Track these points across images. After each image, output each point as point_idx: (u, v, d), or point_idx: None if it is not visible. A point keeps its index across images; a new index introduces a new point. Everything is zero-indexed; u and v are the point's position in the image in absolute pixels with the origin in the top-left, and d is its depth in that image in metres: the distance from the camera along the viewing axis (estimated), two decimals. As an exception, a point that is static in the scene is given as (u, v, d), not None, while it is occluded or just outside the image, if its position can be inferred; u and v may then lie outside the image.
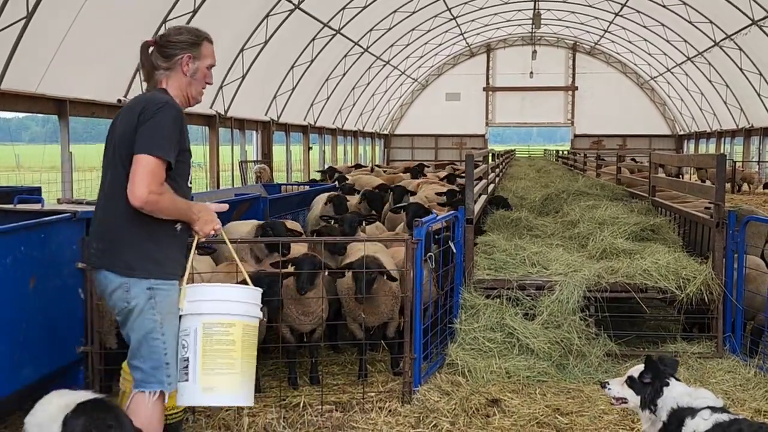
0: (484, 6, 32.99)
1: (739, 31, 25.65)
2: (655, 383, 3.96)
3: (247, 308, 3.84)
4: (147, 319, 3.72)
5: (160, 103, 3.73)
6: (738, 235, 6.63)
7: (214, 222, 3.89)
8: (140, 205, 3.59)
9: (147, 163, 3.59)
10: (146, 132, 3.64)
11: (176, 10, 17.03)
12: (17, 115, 59.96)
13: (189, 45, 3.90)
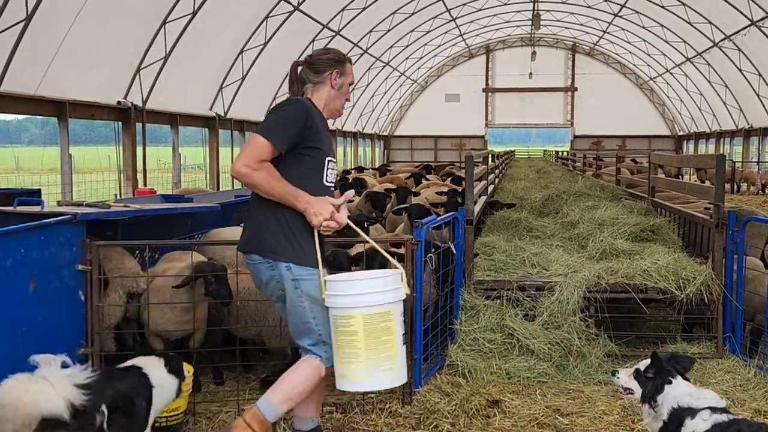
0: (484, 7, 33.03)
1: (739, 31, 25.68)
2: (656, 379, 3.97)
3: (367, 299, 3.94)
4: (300, 307, 4.10)
5: (294, 100, 4.21)
6: (738, 236, 6.63)
7: (325, 213, 4.00)
8: (234, 174, 3.99)
9: (254, 140, 3.98)
10: (268, 119, 4.11)
11: (176, 12, 17.05)
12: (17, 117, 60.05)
13: (336, 62, 4.40)
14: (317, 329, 4.11)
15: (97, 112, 16.56)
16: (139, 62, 17.09)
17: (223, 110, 22.28)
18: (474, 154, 8.12)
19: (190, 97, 20.53)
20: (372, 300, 3.93)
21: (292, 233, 4.07)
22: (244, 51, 21.53)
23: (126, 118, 17.37)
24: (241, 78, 22.12)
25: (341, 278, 4.19)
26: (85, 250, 5.14)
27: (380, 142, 44.03)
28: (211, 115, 21.84)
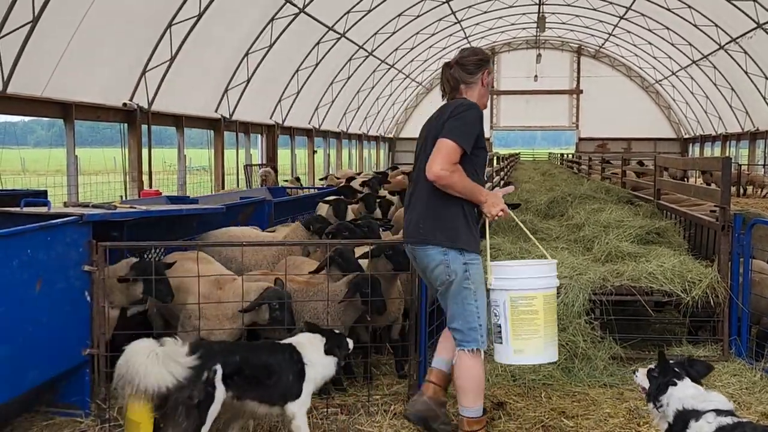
0: (489, 10, 33.03)
1: (745, 34, 25.62)
2: (660, 379, 3.97)
3: (546, 282, 4.52)
4: (465, 290, 4.49)
5: (469, 104, 4.61)
6: (744, 239, 6.61)
7: (500, 204, 4.52)
8: (433, 178, 4.39)
9: (446, 145, 4.38)
10: (452, 123, 4.46)
11: (181, 14, 17.09)
12: (23, 119, 60.21)
13: (485, 62, 4.79)
14: (477, 311, 4.54)
15: (103, 113, 16.61)
16: (145, 64, 17.14)
17: (229, 112, 22.31)
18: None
19: (196, 99, 20.57)
20: (548, 283, 4.52)
21: (468, 223, 4.53)
22: (249, 53, 21.56)
23: (132, 120, 17.41)
24: (246, 80, 22.15)
25: (516, 264, 4.98)
26: (91, 251, 5.16)
27: (385, 145, 44.03)
28: (216, 117, 21.87)
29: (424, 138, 4.70)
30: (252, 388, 4.42)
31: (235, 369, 4.34)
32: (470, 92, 4.75)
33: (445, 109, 4.62)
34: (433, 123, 4.63)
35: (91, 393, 5.23)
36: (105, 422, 5.05)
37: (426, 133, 4.68)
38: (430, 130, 4.62)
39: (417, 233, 4.59)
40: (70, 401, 5.22)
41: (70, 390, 5.23)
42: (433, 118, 4.70)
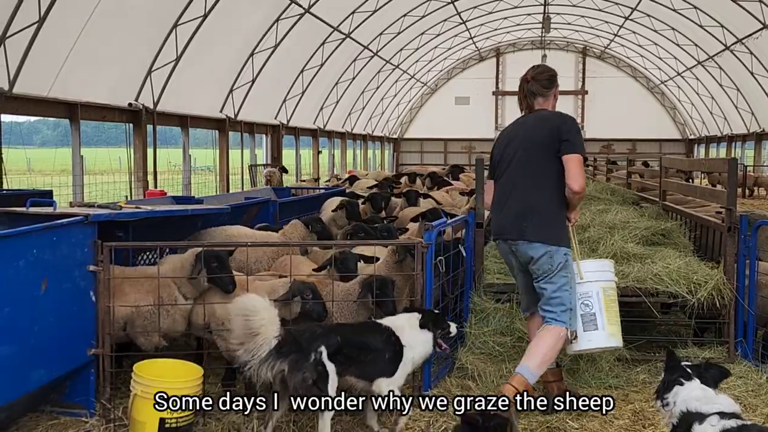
0: (494, 10, 32.97)
1: (751, 35, 25.53)
2: (665, 376, 3.96)
3: (613, 275, 5.58)
4: (562, 278, 5.15)
5: (570, 117, 5.37)
6: (750, 240, 6.59)
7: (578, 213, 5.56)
8: (578, 190, 5.10)
9: (579, 160, 5.09)
10: (573, 139, 5.12)
11: (187, 15, 17.10)
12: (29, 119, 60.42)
13: (556, 77, 5.49)
14: (569, 297, 5.19)
15: (108, 113, 16.63)
16: (150, 64, 17.16)
17: (234, 112, 22.32)
18: (484, 157, 8.10)
19: (201, 99, 20.59)
20: (614, 276, 5.60)
21: (565, 223, 5.31)
22: (254, 53, 21.57)
23: (137, 120, 17.44)
24: (251, 80, 22.17)
25: (598, 261, 5.91)
26: (97, 251, 5.17)
27: (390, 145, 44.02)
28: (221, 117, 21.89)
29: (519, 141, 5.31)
30: (351, 365, 4.79)
31: (336, 348, 4.69)
32: (547, 103, 5.45)
33: (544, 121, 5.28)
34: (531, 132, 5.30)
35: (96, 393, 5.23)
36: (110, 422, 5.06)
37: (522, 137, 5.33)
38: (530, 138, 5.27)
39: (523, 232, 5.18)
40: (75, 401, 5.23)
41: (76, 390, 5.24)
42: (528, 126, 5.36)
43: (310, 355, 4.59)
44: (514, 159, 5.31)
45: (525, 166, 5.27)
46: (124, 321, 5.51)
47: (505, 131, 5.65)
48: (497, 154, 5.54)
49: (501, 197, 5.40)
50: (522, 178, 5.27)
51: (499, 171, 5.49)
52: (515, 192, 5.28)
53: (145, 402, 4.71)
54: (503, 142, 5.49)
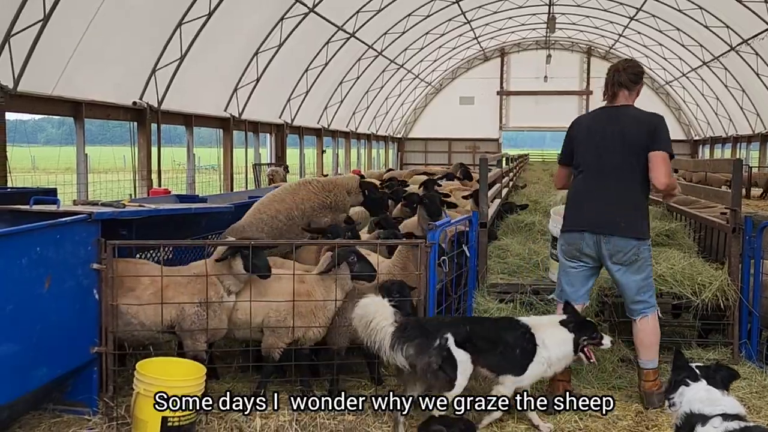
0: (499, 10, 32.95)
1: (756, 35, 25.47)
2: (672, 378, 3.94)
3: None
4: (648, 267, 5.56)
5: (660, 116, 5.48)
6: (755, 241, 6.56)
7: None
8: (664, 188, 5.34)
9: (666, 157, 5.29)
10: (663, 136, 5.32)
11: (191, 13, 17.12)
12: (33, 117, 60.56)
13: (642, 75, 5.61)
14: (653, 284, 5.69)
15: (112, 112, 16.66)
16: (155, 63, 17.18)
17: (238, 111, 22.34)
18: (489, 157, 8.09)
19: (205, 98, 20.61)
20: None
21: (649, 217, 5.66)
22: (258, 52, 21.59)
23: (141, 119, 17.46)
24: (255, 79, 22.18)
25: None
26: (100, 249, 5.16)
27: (394, 145, 44.01)
28: (225, 116, 21.91)
29: (612, 136, 5.40)
30: (481, 355, 4.90)
31: (465, 337, 4.84)
32: (631, 98, 5.54)
33: (640, 122, 5.38)
34: (626, 129, 5.37)
35: (98, 391, 5.23)
36: (113, 420, 5.06)
37: (615, 133, 5.40)
38: (625, 136, 5.36)
39: (618, 227, 5.39)
40: (77, 399, 5.22)
41: (78, 388, 5.23)
42: (621, 121, 5.41)
43: (435, 341, 4.76)
44: (606, 154, 5.43)
45: (621, 163, 5.40)
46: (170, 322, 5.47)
47: (585, 120, 5.75)
48: (580, 141, 5.60)
49: (589, 190, 5.53)
50: (617, 174, 5.41)
51: (583, 161, 5.57)
52: (609, 187, 5.44)
53: (148, 400, 4.70)
54: (585, 132, 5.58)
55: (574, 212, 5.63)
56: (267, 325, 5.61)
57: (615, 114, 5.48)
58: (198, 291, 5.43)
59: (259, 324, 5.64)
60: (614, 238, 5.41)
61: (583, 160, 5.58)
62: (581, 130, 5.64)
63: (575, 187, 5.68)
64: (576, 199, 5.64)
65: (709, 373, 3.90)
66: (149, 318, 5.35)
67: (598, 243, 5.49)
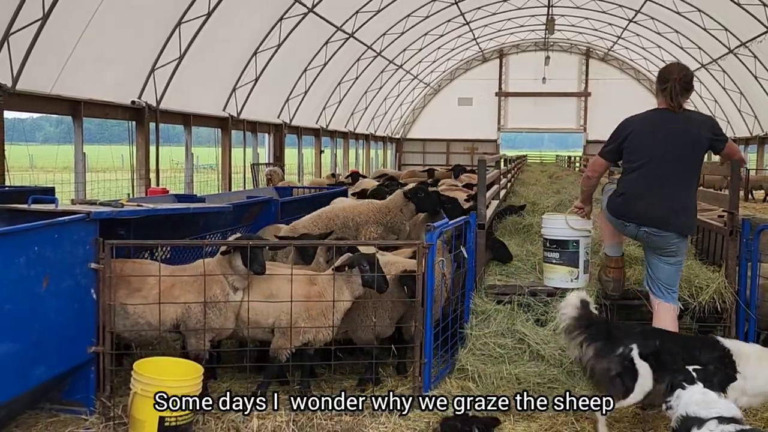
0: (498, 11, 32.97)
1: (754, 38, 25.51)
2: (668, 381, 3.95)
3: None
4: (683, 259, 6.03)
5: (712, 117, 6.25)
6: (752, 244, 6.57)
7: None
8: (741, 158, 6.49)
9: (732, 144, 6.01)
10: (722, 132, 6.00)
11: (191, 13, 17.12)
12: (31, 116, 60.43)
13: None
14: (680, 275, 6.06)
15: (111, 111, 16.65)
16: (154, 62, 17.17)
17: (236, 111, 22.34)
18: (487, 158, 8.10)
19: (204, 97, 20.60)
20: None
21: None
22: (257, 52, 21.58)
23: (140, 118, 17.45)
24: (254, 79, 22.18)
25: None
26: (98, 249, 5.16)
27: (392, 145, 44.02)
28: (224, 116, 21.90)
29: (672, 137, 5.71)
30: (667, 373, 4.56)
31: (653, 351, 4.72)
32: (686, 104, 5.94)
33: (698, 124, 5.84)
34: (686, 130, 5.74)
35: (96, 391, 5.23)
36: (110, 420, 5.06)
37: (675, 133, 5.73)
38: (685, 137, 5.72)
39: (673, 224, 5.68)
40: (74, 399, 5.22)
41: (75, 387, 5.23)
42: (680, 123, 5.77)
43: (618, 348, 4.71)
44: (667, 153, 5.68)
45: (680, 163, 5.70)
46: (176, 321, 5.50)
47: (641, 119, 5.98)
48: (637, 139, 5.83)
49: (647, 186, 5.73)
50: (676, 174, 5.71)
51: (638, 158, 5.79)
52: (668, 186, 5.70)
53: (145, 400, 4.71)
54: (644, 131, 5.84)
55: (631, 205, 5.82)
56: (279, 326, 5.62)
57: (676, 117, 5.82)
58: (203, 289, 5.46)
59: (270, 325, 5.66)
60: (667, 234, 5.72)
61: (637, 157, 5.81)
62: (639, 132, 5.87)
63: (629, 181, 5.86)
64: (633, 193, 5.82)
65: (706, 376, 3.91)
66: (156, 317, 5.35)
67: (648, 233, 5.77)
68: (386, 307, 5.99)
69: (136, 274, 5.43)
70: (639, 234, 5.84)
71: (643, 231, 5.77)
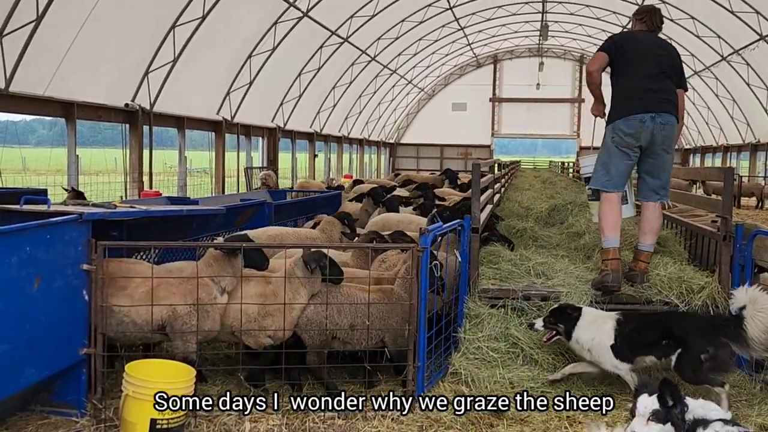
0: (492, 17, 33.05)
1: (747, 46, 25.65)
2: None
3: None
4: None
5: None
6: (745, 249, 6.59)
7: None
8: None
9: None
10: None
11: (185, 16, 17.10)
12: (24, 118, 60.22)
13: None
14: None
15: (104, 113, 16.60)
16: (148, 65, 17.14)
17: (230, 114, 22.31)
18: (481, 163, 8.10)
19: (198, 100, 20.57)
20: None
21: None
22: (252, 56, 21.57)
23: (133, 121, 17.41)
24: (248, 83, 22.16)
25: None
26: (90, 250, 5.13)
27: (386, 150, 44.03)
28: (217, 119, 21.87)
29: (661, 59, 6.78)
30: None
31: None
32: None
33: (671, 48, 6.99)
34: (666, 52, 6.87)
35: (87, 392, 5.20)
36: (101, 422, 5.02)
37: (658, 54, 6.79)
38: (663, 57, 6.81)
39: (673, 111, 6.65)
40: (66, 400, 5.19)
41: (66, 389, 5.19)
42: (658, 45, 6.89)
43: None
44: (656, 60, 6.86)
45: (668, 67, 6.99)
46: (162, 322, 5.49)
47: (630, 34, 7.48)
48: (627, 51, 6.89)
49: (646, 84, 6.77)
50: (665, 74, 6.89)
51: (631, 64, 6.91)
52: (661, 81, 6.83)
53: (137, 402, 4.68)
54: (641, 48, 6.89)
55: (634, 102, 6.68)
56: (237, 328, 5.65)
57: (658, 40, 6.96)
58: (189, 291, 5.43)
59: (230, 325, 5.69)
60: (672, 119, 6.55)
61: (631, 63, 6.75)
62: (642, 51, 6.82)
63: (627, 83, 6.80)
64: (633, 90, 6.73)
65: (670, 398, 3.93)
66: (141, 317, 5.35)
67: (662, 126, 6.52)
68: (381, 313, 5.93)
69: (122, 274, 5.42)
70: (655, 127, 6.51)
71: (659, 122, 6.52)
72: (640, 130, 6.55)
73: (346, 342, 5.90)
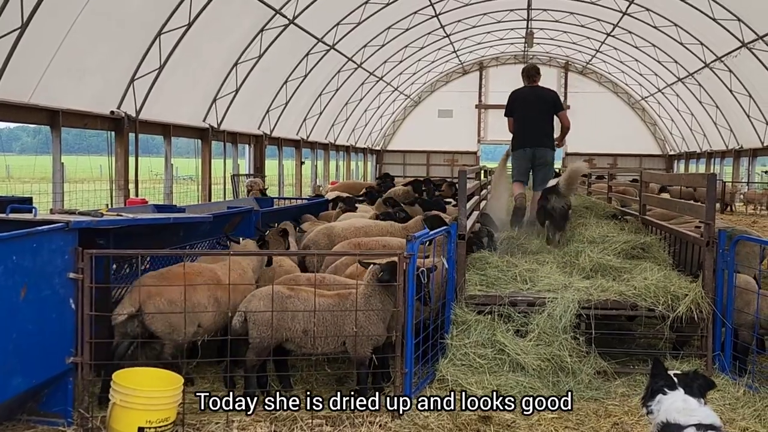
0: (477, 24, 33.19)
1: (730, 53, 25.89)
2: (649, 385, 3.96)
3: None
4: (552, 165, 10.42)
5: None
6: (728, 254, 6.66)
7: None
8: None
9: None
10: (563, 108, 10.99)
11: (171, 23, 17.06)
12: (8, 126, 59.82)
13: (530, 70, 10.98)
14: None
15: (90, 121, 16.52)
16: (134, 72, 17.09)
17: (217, 122, 22.27)
18: (467, 170, 8.15)
19: (184, 108, 20.51)
20: None
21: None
22: (238, 63, 21.55)
23: (119, 128, 17.34)
24: (234, 90, 22.13)
25: None
26: (77, 259, 5.13)
27: (372, 157, 44.06)
28: (204, 127, 21.82)
29: (540, 99, 10.53)
30: None
31: None
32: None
33: (546, 93, 10.71)
34: (540, 99, 10.58)
35: (74, 402, 5.18)
36: (88, 431, 5.01)
37: (534, 102, 10.52)
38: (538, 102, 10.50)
39: (545, 143, 10.49)
40: (52, 410, 5.17)
41: (53, 398, 5.18)
42: (535, 95, 10.65)
43: None
44: (535, 107, 10.62)
45: (543, 113, 10.68)
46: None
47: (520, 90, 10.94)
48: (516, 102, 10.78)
49: (526, 127, 10.66)
50: (541, 118, 10.59)
51: (519, 112, 10.84)
52: (538, 123, 10.61)
53: (124, 411, 4.67)
54: (527, 102, 10.70)
55: (519, 139, 10.58)
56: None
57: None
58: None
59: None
60: (541, 148, 10.27)
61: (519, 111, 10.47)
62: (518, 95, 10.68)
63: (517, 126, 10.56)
64: (519, 131, 10.59)
65: (687, 382, 3.90)
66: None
67: (533, 152, 10.33)
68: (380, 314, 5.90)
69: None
70: (528, 154, 10.36)
71: (530, 151, 10.28)
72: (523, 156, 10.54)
73: (301, 346, 5.86)
